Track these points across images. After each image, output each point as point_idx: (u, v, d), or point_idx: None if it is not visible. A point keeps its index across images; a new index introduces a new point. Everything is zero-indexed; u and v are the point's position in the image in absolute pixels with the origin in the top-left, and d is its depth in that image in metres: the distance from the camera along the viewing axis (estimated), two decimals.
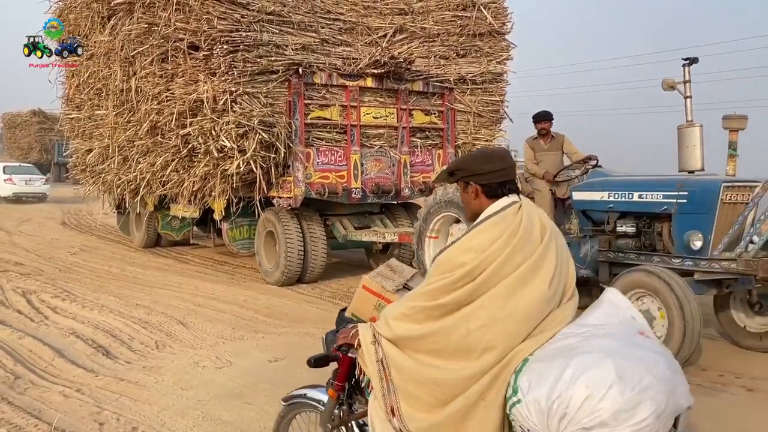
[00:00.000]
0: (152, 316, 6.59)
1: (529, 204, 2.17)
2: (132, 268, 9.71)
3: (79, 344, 5.65)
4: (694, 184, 5.28)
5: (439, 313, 2.00)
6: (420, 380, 1.99)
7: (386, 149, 8.72)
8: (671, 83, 5.54)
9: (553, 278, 2.04)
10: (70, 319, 6.48)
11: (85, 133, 11.29)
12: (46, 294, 7.60)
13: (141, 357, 5.36)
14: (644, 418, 1.73)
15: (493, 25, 9.37)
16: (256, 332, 6.05)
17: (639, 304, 4.98)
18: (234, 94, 7.31)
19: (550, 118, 6.51)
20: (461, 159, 2.31)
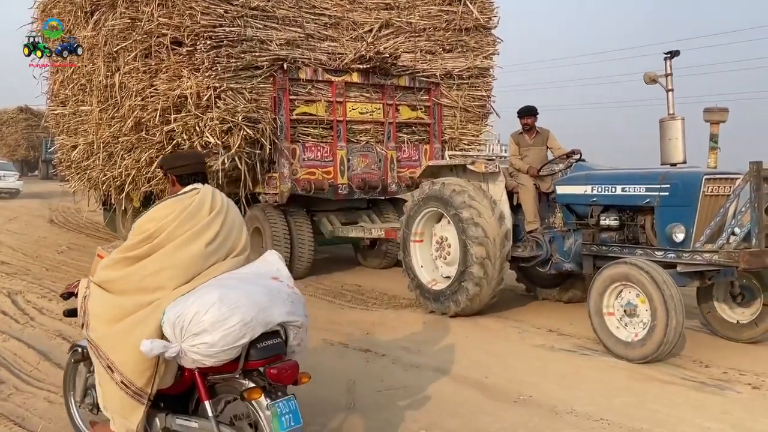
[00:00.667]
0: None
1: (209, 189, 3.07)
2: None
3: (65, 346, 5.30)
4: (676, 177, 5.31)
5: (127, 263, 2.93)
6: (105, 305, 2.93)
7: (373, 145, 8.71)
8: (653, 76, 5.57)
9: (213, 241, 2.95)
10: (57, 320, 6.29)
11: (70, 129, 11.17)
12: (33, 294, 7.45)
13: None
14: (232, 325, 2.66)
15: (480, 19, 9.37)
16: None
17: (623, 295, 5.04)
18: (218, 90, 7.28)
19: (534, 113, 6.51)
20: (164, 158, 3.46)
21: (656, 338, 4.75)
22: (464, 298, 6.07)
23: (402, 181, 8.90)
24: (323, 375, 4.57)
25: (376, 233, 8.28)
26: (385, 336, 5.75)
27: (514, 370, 4.83)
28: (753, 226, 4.82)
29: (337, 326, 6.03)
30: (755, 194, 4.81)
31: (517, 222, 6.35)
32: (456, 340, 5.57)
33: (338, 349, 5.37)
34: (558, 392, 4.35)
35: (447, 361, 5.01)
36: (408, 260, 6.68)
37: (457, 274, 6.13)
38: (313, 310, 6.50)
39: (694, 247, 5.07)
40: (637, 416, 3.95)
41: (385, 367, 4.92)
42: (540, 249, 6.16)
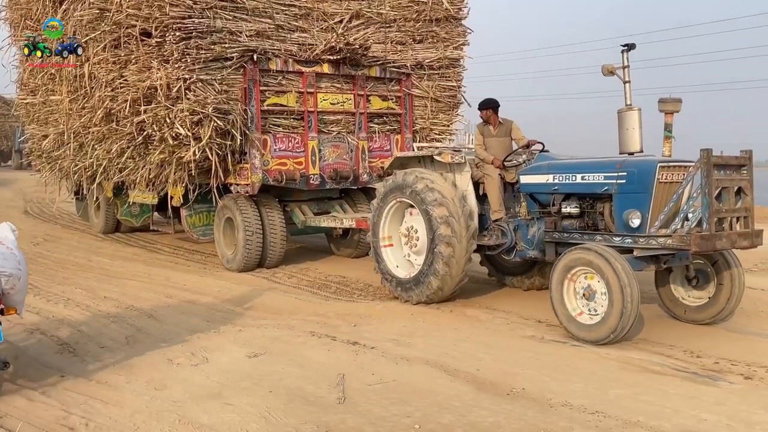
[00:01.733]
0: (121, 309, 6.37)
1: None
2: (99, 258, 9.45)
3: (44, 341, 5.39)
4: (633, 165, 5.49)
5: None
6: None
7: (344, 135, 8.79)
8: (611, 69, 5.74)
9: None
10: (34, 314, 6.17)
11: (40, 118, 11.09)
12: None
13: (110, 354, 5.10)
14: None
15: (450, 10, 9.45)
16: (232, 325, 5.86)
17: (581, 280, 5.24)
18: (188, 82, 7.30)
19: (491, 106, 6.64)
20: None
21: (613, 320, 4.95)
22: (435, 282, 6.18)
23: (373, 171, 9.00)
24: (312, 370, 4.56)
25: (347, 223, 8.38)
26: (373, 328, 5.69)
27: (506, 362, 4.79)
28: (704, 211, 5.01)
29: (324, 318, 5.98)
30: (706, 180, 4.99)
31: (483, 211, 6.48)
32: (445, 332, 5.53)
33: (325, 342, 5.28)
34: (551, 384, 4.31)
35: (437, 353, 4.95)
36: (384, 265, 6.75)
37: (426, 259, 6.25)
38: (298, 302, 6.71)
39: (650, 232, 5.26)
40: (631, 408, 3.91)
41: (374, 360, 4.82)
42: (505, 237, 6.33)
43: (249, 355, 4.93)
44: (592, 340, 5.10)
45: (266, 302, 6.77)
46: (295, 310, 6.41)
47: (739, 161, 5.23)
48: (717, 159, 5.06)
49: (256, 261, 8.41)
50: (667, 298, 5.92)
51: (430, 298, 6.31)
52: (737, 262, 5.56)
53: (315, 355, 4.92)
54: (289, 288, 7.52)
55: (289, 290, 7.40)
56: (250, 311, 6.43)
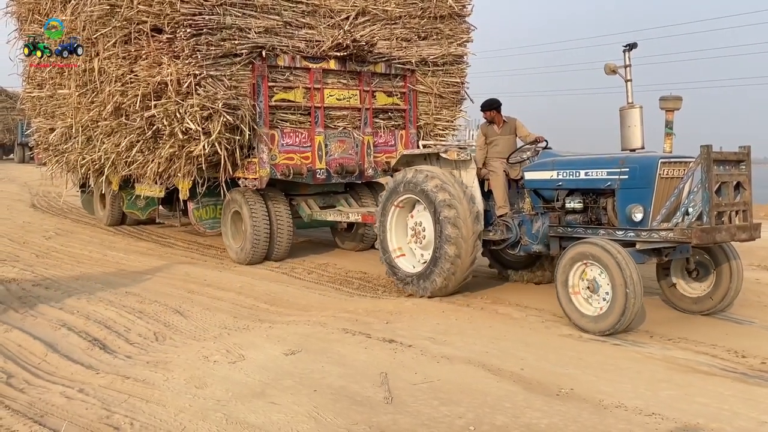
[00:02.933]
0: (146, 305, 6.27)
1: None
2: (114, 252, 9.36)
3: (72, 337, 5.28)
4: (635, 161, 5.65)
5: None
6: None
7: (350, 130, 8.93)
8: (613, 68, 5.90)
9: None
10: (58, 309, 6.11)
11: (47, 112, 11.19)
12: (27, 282, 7.24)
13: (141, 350, 5.03)
14: None
15: (454, 7, 9.58)
16: (260, 321, 5.78)
17: (586, 273, 5.40)
18: (198, 77, 7.43)
19: (494, 106, 6.79)
20: None
21: (617, 311, 5.11)
22: (438, 279, 6.31)
23: (378, 166, 9.15)
24: (352, 368, 4.50)
25: (353, 217, 8.51)
26: (407, 325, 5.58)
27: (549, 361, 4.68)
28: (704, 205, 5.17)
29: (354, 315, 5.89)
30: (706, 176, 5.15)
31: (488, 207, 6.62)
32: (481, 330, 5.45)
33: (361, 340, 5.16)
34: (599, 385, 4.21)
35: (477, 352, 4.85)
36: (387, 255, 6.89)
37: (432, 255, 6.38)
38: (323, 298, 6.75)
39: (652, 225, 5.42)
40: (688, 410, 3.81)
41: (414, 359, 4.72)
42: (510, 232, 6.48)
43: (286, 352, 4.84)
44: (596, 331, 5.26)
45: (291, 298, 6.72)
46: (321, 306, 6.36)
47: (738, 157, 5.39)
48: (716, 155, 5.22)
49: (263, 254, 8.56)
50: (668, 289, 6.10)
51: (435, 293, 6.43)
52: (736, 254, 5.73)
53: (353, 353, 4.83)
54: (311, 284, 7.49)
55: (311, 286, 7.37)
56: (276, 307, 6.37)
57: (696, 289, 5.96)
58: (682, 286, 6.03)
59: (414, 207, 6.84)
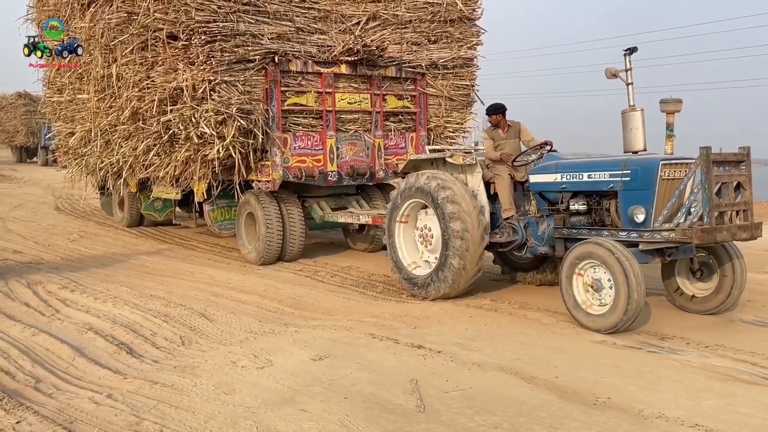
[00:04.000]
0: (171, 309, 6.25)
1: None
2: (137, 255, 9.42)
3: (98, 341, 5.27)
4: (636, 163, 5.76)
5: None
6: None
7: (361, 133, 9.10)
8: (614, 72, 6.00)
9: None
10: (84, 313, 6.11)
11: (66, 116, 11.50)
12: (53, 285, 7.23)
13: (168, 355, 4.98)
14: None
15: (464, 11, 9.69)
16: (286, 325, 5.74)
17: (589, 272, 5.51)
18: (212, 83, 7.63)
19: (499, 111, 6.91)
20: None
21: (620, 309, 5.21)
22: (449, 277, 6.38)
23: (389, 168, 9.30)
24: (381, 375, 4.44)
25: (364, 219, 8.67)
26: (435, 331, 5.51)
27: (583, 369, 4.56)
28: (705, 206, 5.27)
29: (380, 320, 5.83)
30: (705, 177, 5.25)
31: (494, 210, 6.72)
32: (511, 336, 5.36)
33: (388, 345, 5.11)
34: (638, 394, 4.09)
35: (509, 358, 4.76)
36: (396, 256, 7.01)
37: (441, 256, 6.46)
38: (347, 302, 6.73)
39: (654, 226, 5.52)
40: (732, 421, 3.69)
41: (444, 365, 4.64)
42: (516, 234, 6.60)
43: (313, 358, 4.79)
44: (600, 329, 5.37)
45: (315, 302, 6.67)
46: (346, 310, 6.31)
47: (738, 157, 5.48)
48: (716, 156, 5.31)
49: (276, 254, 8.75)
50: (673, 290, 6.19)
51: (446, 294, 6.49)
52: (739, 253, 5.82)
53: (381, 359, 4.77)
54: (334, 287, 7.43)
55: (335, 289, 7.31)
56: (301, 311, 6.32)
57: (700, 289, 6.04)
58: (687, 286, 6.12)
59: (421, 211, 6.93)
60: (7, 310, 6.30)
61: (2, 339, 5.39)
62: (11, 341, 5.32)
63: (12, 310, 6.31)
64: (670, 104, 6.16)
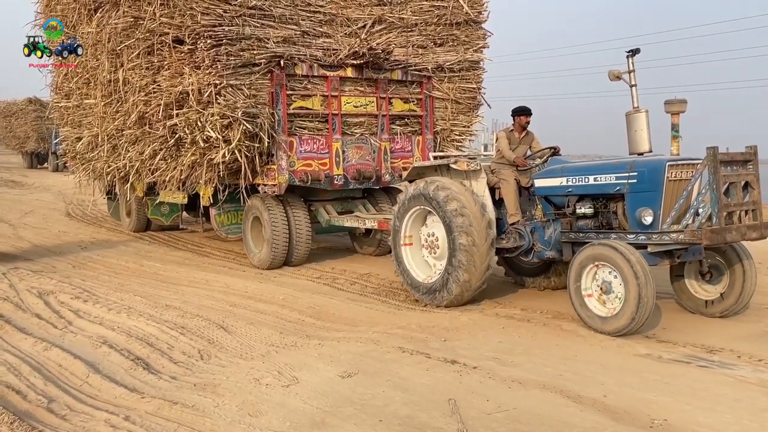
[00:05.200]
0: (187, 320, 5.99)
1: None
2: (150, 263, 9.20)
3: (113, 356, 5.03)
4: (643, 165, 5.71)
5: None
6: None
7: (367, 137, 9.08)
8: (617, 74, 5.97)
9: None
10: (98, 325, 5.88)
11: (74, 121, 11.57)
12: (65, 294, 6.99)
13: (187, 371, 4.74)
14: None
15: (470, 14, 9.68)
16: (308, 338, 5.49)
17: (598, 274, 5.47)
18: (218, 87, 7.64)
19: (530, 113, 6.88)
20: None
21: (630, 311, 5.16)
22: (454, 288, 6.27)
23: (395, 171, 9.28)
24: (417, 394, 4.19)
25: (370, 224, 8.64)
26: (467, 344, 5.24)
27: (632, 386, 4.28)
28: (713, 206, 5.23)
29: (407, 332, 5.59)
30: (713, 177, 5.21)
31: (500, 215, 6.64)
32: (547, 349, 5.09)
33: (420, 360, 4.84)
34: (696, 415, 3.82)
35: (550, 375, 4.49)
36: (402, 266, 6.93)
37: (447, 264, 6.35)
38: (370, 311, 6.51)
39: (662, 228, 5.48)
40: None
41: (482, 383, 4.37)
42: (523, 239, 6.54)
43: (341, 374, 4.54)
44: (610, 332, 5.32)
45: (336, 311, 6.44)
46: (370, 320, 6.08)
47: (745, 157, 5.44)
48: (723, 156, 5.27)
49: (283, 259, 8.74)
50: (682, 293, 6.14)
51: (453, 302, 6.38)
52: (748, 254, 5.77)
53: (414, 376, 4.52)
54: (355, 296, 7.19)
55: (356, 298, 7.07)
56: (322, 321, 6.08)
57: (710, 292, 5.99)
58: (696, 288, 6.07)
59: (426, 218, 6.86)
60: (18, 322, 6.10)
61: (13, 354, 5.18)
62: (23, 356, 5.10)
63: (23, 321, 6.11)
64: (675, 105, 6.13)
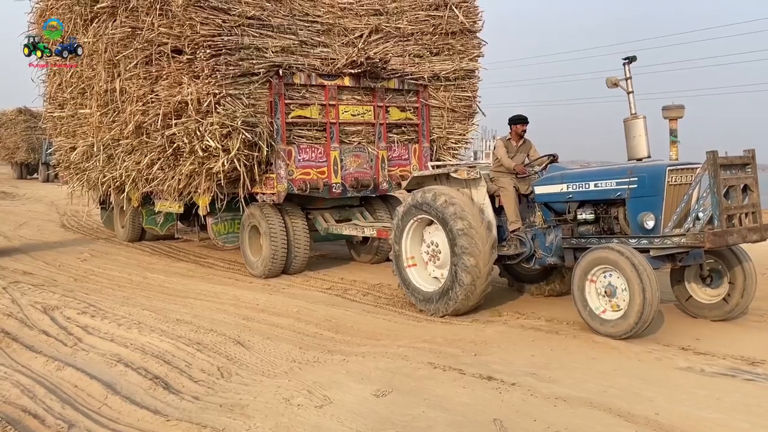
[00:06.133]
0: (202, 335, 5.79)
1: None
2: (154, 275, 8.99)
3: (130, 375, 4.81)
4: (643, 170, 5.79)
5: None
6: None
7: (364, 145, 9.12)
8: (615, 81, 6.06)
9: None
10: (109, 341, 5.68)
11: (68, 131, 11.51)
12: (71, 309, 6.77)
13: (209, 390, 4.54)
14: None
15: (465, 23, 9.77)
16: (330, 353, 5.31)
17: (602, 278, 5.52)
18: (217, 96, 7.66)
19: (526, 121, 6.95)
20: None
21: (635, 313, 5.20)
22: (459, 294, 6.26)
23: (393, 180, 9.32)
24: (459, 414, 3.98)
25: (368, 232, 8.66)
26: (499, 358, 5.04)
27: (682, 402, 4.09)
28: (714, 209, 5.32)
29: (434, 345, 5.42)
30: (713, 180, 5.30)
31: (501, 223, 6.67)
32: (584, 363, 4.91)
33: (454, 377, 4.64)
34: None
35: (594, 391, 4.30)
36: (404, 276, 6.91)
37: (450, 271, 6.35)
38: (390, 324, 6.30)
39: (664, 232, 5.55)
40: None
41: (525, 401, 4.17)
42: (524, 246, 6.58)
43: (375, 393, 4.33)
44: (616, 335, 5.36)
45: (354, 324, 6.27)
46: (391, 334, 5.90)
47: (744, 160, 5.56)
48: (722, 160, 5.37)
49: (281, 267, 8.73)
50: (683, 297, 6.20)
51: (456, 310, 6.38)
52: (747, 257, 5.85)
53: (451, 394, 4.31)
54: (370, 307, 7.04)
55: (371, 309, 6.92)
56: (342, 335, 5.90)
57: (711, 295, 6.06)
58: (697, 292, 6.14)
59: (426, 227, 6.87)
60: (25, 340, 5.87)
61: (25, 375, 4.93)
62: (35, 377, 4.87)
63: (31, 339, 5.88)
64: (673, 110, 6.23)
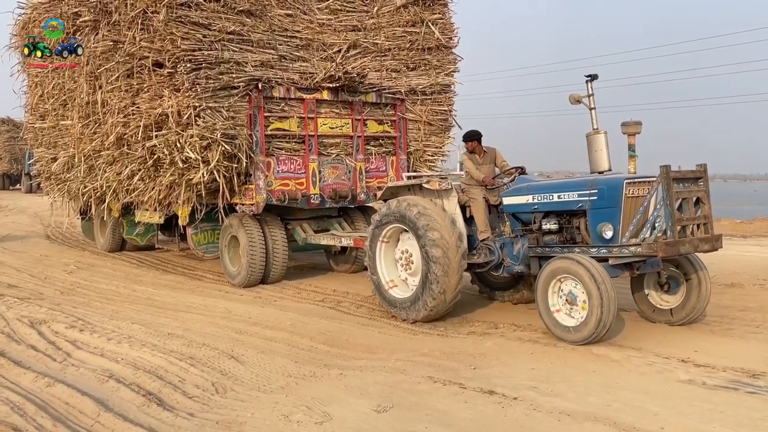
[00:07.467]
0: (194, 349, 5.70)
1: None
2: (142, 287, 8.90)
3: (123, 391, 4.70)
4: (603, 182, 6.07)
5: None
6: None
7: (342, 157, 9.34)
8: (577, 98, 6.37)
9: None
10: (99, 356, 5.58)
11: (49, 142, 11.62)
12: (58, 324, 6.65)
13: (204, 406, 4.41)
14: None
15: (441, 40, 10.06)
16: (327, 367, 5.23)
17: (564, 287, 5.77)
18: (197, 109, 7.84)
19: (476, 137, 7.22)
20: None
21: (593, 320, 5.46)
22: (429, 301, 6.47)
23: (370, 191, 9.54)
24: (461, 429, 3.92)
25: (345, 242, 8.85)
26: (499, 372, 5.01)
27: (688, 417, 4.06)
28: (667, 221, 5.59)
29: (432, 359, 5.35)
30: (667, 193, 5.59)
31: (471, 232, 6.92)
32: (585, 376, 4.87)
33: (455, 391, 4.59)
34: None
35: (597, 405, 4.25)
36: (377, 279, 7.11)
37: (421, 281, 6.56)
38: (385, 337, 6.27)
39: (621, 242, 5.82)
40: None
41: (528, 416, 4.10)
42: (492, 255, 6.84)
43: (375, 409, 4.26)
44: (577, 341, 5.62)
45: (349, 337, 6.20)
46: (388, 347, 5.85)
47: (696, 174, 5.87)
48: (675, 173, 5.67)
49: (260, 277, 8.90)
50: (642, 302, 6.50)
51: (427, 315, 6.57)
52: (703, 265, 6.15)
53: (453, 410, 4.25)
54: (364, 319, 6.98)
55: (366, 322, 6.87)
56: (338, 349, 5.82)
57: (668, 301, 6.35)
58: (655, 298, 6.43)
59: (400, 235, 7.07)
60: (13, 355, 5.74)
61: (14, 391, 4.79)
62: (25, 394, 4.74)
63: (19, 354, 5.77)
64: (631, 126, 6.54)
